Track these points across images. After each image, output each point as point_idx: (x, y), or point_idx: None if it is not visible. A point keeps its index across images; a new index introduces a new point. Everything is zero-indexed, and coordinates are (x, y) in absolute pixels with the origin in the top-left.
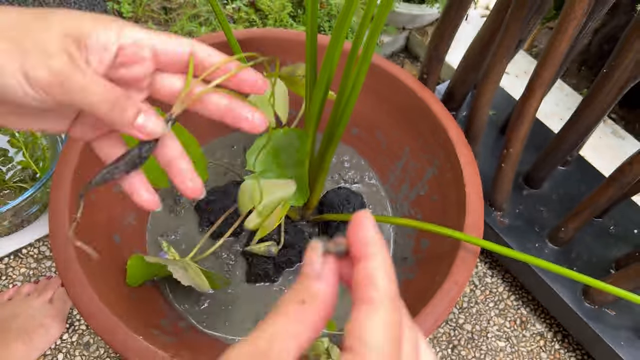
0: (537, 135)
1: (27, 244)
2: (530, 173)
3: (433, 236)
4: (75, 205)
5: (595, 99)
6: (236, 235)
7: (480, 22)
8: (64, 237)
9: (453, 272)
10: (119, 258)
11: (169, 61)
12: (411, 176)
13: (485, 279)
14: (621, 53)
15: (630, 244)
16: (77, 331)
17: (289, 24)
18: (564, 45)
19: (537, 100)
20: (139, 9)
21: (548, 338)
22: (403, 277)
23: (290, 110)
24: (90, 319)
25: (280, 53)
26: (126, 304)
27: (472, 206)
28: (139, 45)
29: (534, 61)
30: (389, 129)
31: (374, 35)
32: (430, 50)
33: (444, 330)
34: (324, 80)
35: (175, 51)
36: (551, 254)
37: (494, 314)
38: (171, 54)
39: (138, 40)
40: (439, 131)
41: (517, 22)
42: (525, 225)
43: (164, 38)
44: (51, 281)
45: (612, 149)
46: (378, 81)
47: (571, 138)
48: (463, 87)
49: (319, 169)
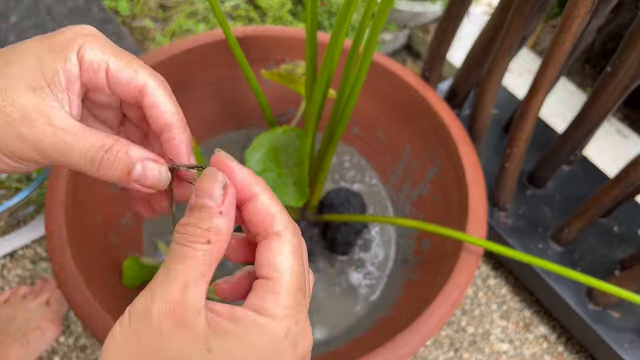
0: (541, 134)
1: (23, 245)
2: (533, 172)
3: (435, 237)
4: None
5: (599, 98)
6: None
7: (482, 20)
8: (60, 239)
9: (455, 274)
10: (115, 259)
11: (119, 92)
12: (413, 176)
13: (488, 280)
14: (625, 52)
15: (635, 245)
16: (74, 334)
17: (289, 22)
18: (568, 44)
19: (541, 99)
20: (136, 7)
21: (551, 340)
22: (404, 278)
23: (290, 109)
24: (87, 321)
25: (279, 51)
26: (123, 306)
27: (474, 206)
28: (95, 69)
29: (537, 59)
30: (390, 128)
31: (374, 32)
32: (432, 48)
33: (446, 332)
34: (324, 78)
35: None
36: (554, 254)
37: (497, 316)
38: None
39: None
40: (441, 130)
41: (520, 20)
42: (529, 225)
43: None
44: (47, 283)
45: (616, 148)
46: (379, 79)
47: (575, 137)
48: (466, 85)
49: (319, 169)
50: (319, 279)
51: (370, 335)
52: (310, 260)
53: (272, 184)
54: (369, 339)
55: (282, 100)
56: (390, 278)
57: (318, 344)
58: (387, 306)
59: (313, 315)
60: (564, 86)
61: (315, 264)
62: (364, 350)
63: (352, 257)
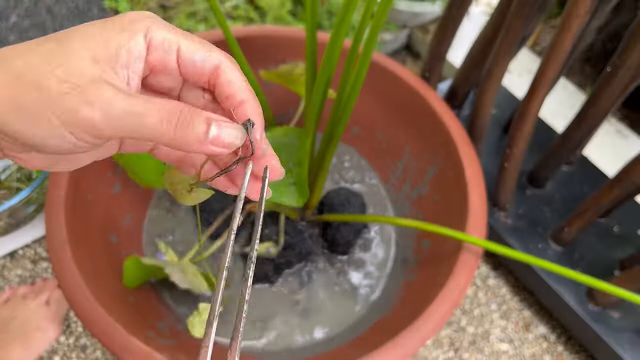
0: (541, 134)
1: (23, 245)
2: (533, 172)
3: (435, 237)
4: (73, 206)
5: (599, 98)
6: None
7: (482, 20)
8: (61, 238)
9: (455, 274)
10: (115, 259)
11: (189, 72)
12: (412, 176)
13: (488, 280)
14: (625, 52)
15: (635, 245)
16: (74, 333)
17: (288, 22)
18: (568, 44)
19: (541, 99)
20: (136, 7)
21: (551, 340)
22: (404, 278)
23: (289, 109)
24: (87, 321)
25: (279, 51)
26: (123, 306)
27: (474, 206)
28: (166, 50)
29: (537, 59)
30: (390, 128)
31: (374, 32)
32: (432, 48)
33: (446, 332)
34: (323, 78)
35: (201, 62)
36: (554, 254)
37: (497, 316)
38: (196, 65)
39: (167, 41)
40: (441, 130)
41: (519, 20)
42: (529, 225)
43: (191, 44)
44: (47, 283)
45: (616, 148)
46: (379, 79)
47: (575, 137)
48: (465, 85)
49: (319, 169)
50: (319, 278)
51: (370, 335)
52: (310, 260)
53: (272, 184)
54: (369, 338)
55: (282, 100)
56: (390, 278)
57: (318, 343)
58: (386, 306)
59: (313, 315)
60: (563, 86)
61: (315, 263)
62: (364, 350)
63: (352, 257)
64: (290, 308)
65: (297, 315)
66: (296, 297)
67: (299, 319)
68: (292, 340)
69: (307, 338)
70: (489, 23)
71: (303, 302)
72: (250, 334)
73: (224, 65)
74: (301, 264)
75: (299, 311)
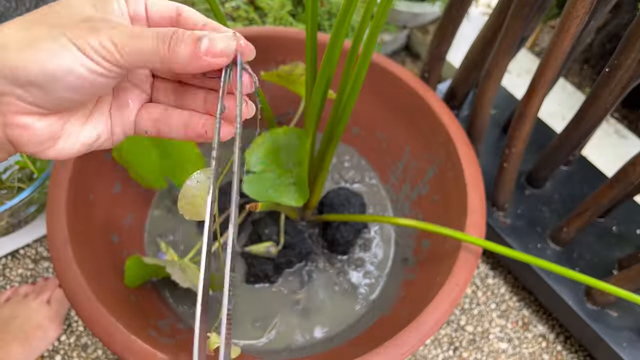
0: (540, 134)
1: (25, 244)
2: (532, 172)
3: (434, 237)
4: (75, 205)
5: (597, 98)
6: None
7: (481, 21)
8: (62, 238)
9: (454, 273)
10: (117, 259)
11: (155, 18)
12: (412, 176)
13: (487, 279)
14: (624, 52)
15: (633, 245)
16: (75, 333)
17: (289, 22)
18: (567, 44)
19: (540, 99)
20: None
21: (550, 339)
22: (404, 278)
23: (289, 109)
24: (88, 320)
25: (279, 52)
26: (124, 305)
27: (473, 206)
28: (137, 1)
29: (536, 60)
30: (390, 129)
31: (374, 33)
32: (431, 49)
33: (446, 331)
34: (323, 79)
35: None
36: (553, 254)
37: (496, 315)
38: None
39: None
40: (440, 130)
41: (518, 21)
42: (527, 225)
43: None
44: (49, 282)
45: (614, 149)
46: (378, 80)
47: (574, 138)
48: (465, 85)
49: (319, 169)
50: (319, 278)
51: (370, 335)
52: (310, 260)
53: (272, 184)
54: (369, 338)
55: (282, 100)
56: (389, 277)
57: (318, 343)
58: (386, 305)
59: (313, 315)
60: (562, 86)
61: (315, 263)
62: (364, 349)
63: (352, 256)
64: (291, 308)
65: (297, 314)
66: (296, 297)
67: (299, 319)
68: (292, 339)
69: (307, 337)
70: (488, 24)
71: (303, 302)
72: (251, 334)
73: (182, 8)
74: (301, 263)
75: (299, 311)
